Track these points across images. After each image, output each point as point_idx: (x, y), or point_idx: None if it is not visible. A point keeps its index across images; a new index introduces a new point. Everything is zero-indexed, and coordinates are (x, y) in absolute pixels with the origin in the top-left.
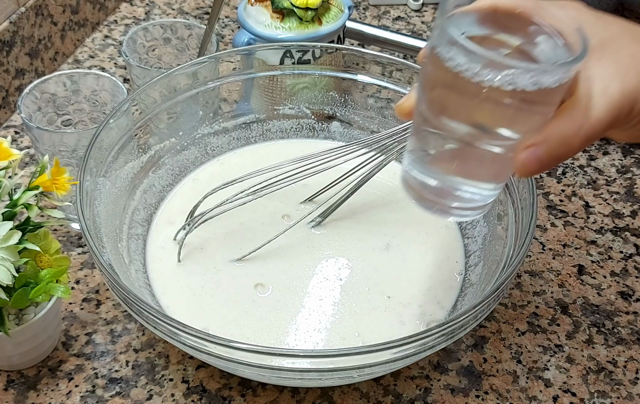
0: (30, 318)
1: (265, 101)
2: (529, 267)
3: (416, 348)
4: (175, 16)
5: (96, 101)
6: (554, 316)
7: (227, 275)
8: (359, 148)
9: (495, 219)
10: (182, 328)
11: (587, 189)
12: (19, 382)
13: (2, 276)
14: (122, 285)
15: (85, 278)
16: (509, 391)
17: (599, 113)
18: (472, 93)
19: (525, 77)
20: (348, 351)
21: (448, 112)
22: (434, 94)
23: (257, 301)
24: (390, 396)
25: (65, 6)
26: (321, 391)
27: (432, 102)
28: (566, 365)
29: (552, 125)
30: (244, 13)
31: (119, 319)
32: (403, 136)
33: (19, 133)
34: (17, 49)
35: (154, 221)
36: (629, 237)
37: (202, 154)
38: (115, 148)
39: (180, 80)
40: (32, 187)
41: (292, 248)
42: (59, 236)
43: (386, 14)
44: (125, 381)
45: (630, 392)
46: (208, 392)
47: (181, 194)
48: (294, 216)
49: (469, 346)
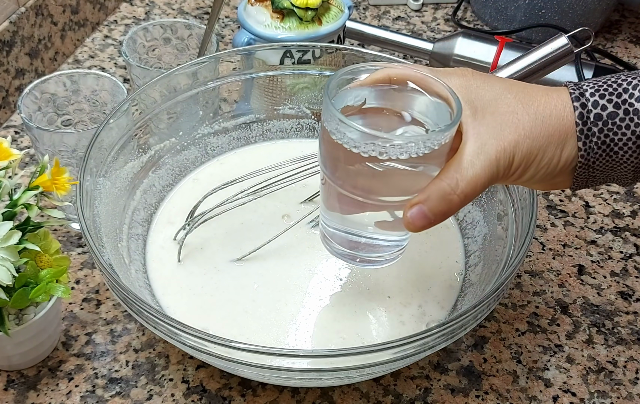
0: (30, 318)
1: (265, 101)
2: (529, 267)
3: (416, 348)
4: (175, 16)
5: (96, 101)
6: (554, 316)
7: (227, 275)
8: None
9: (495, 219)
10: (182, 328)
11: (587, 189)
12: (19, 382)
13: (2, 276)
14: (122, 285)
15: (85, 278)
16: (509, 391)
17: (475, 171)
18: (354, 161)
19: (395, 149)
20: (348, 351)
21: (338, 174)
22: (327, 158)
23: (257, 301)
24: (390, 396)
25: (65, 6)
26: (321, 391)
27: (326, 165)
28: (566, 365)
29: (432, 184)
30: (244, 13)
31: (119, 319)
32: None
33: (19, 133)
34: (17, 49)
35: (154, 221)
36: (629, 237)
37: (202, 154)
38: (115, 148)
39: (180, 80)
40: (32, 187)
41: (292, 248)
42: (59, 236)
43: (386, 14)
44: (125, 381)
45: (630, 392)
46: (208, 392)
47: (181, 194)
48: (294, 216)
49: (469, 346)
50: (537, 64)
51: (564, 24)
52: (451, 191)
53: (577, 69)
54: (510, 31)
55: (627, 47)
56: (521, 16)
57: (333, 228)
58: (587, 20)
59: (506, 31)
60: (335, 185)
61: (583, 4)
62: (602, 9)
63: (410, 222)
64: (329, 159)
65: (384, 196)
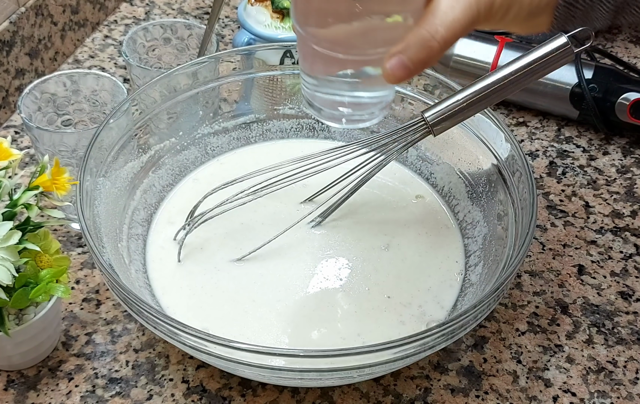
0: (30, 318)
1: (265, 101)
2: (529, 267)
3: (416, 348)
4: (175, 16)
5: (96, 101)
6: (554, 316)
7: (227, 275)
8: (359, 148)
9: (495, 219)
10: (182, 328)
11: (587, 189)
12: (19, 382)
13: (2, 276)
14: (122, 285)
15: (85, 278)
16: (509, 391)
17: (455, 15)
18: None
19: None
20: (348, 351)
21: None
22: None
23: (257, 301)
24: (390, 396)
25: (65, 6)
26: (321, 391)
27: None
28: (566, 365)
29: (412, 33)
30: (244, 13)
31: (119, 319)
32: (403, 136)
33: (19, 133)
34: (17, 49)
35: (154, 221)
36: (629, 237)
37: (202, 154)
38: (115, 148)
39: (180, 80)
40: (32, 187)
41: (292, 248)
42: (59, 236)
43: None
44: (125, 381)
45: (630, 392)
46: (208, 392)
47: (181, 194)
48: (294, 216)
49: (469, 346)
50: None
51: None
52: (430, 38)
53: (577, 69)
54: None
55: (627, 47)
56: None
57: (315, 91)
58: None
59: (506, 31)
60: (313, 44)
61: None
62: None
63: (390, 74)
64: (307, 12)
65: (363, 49)
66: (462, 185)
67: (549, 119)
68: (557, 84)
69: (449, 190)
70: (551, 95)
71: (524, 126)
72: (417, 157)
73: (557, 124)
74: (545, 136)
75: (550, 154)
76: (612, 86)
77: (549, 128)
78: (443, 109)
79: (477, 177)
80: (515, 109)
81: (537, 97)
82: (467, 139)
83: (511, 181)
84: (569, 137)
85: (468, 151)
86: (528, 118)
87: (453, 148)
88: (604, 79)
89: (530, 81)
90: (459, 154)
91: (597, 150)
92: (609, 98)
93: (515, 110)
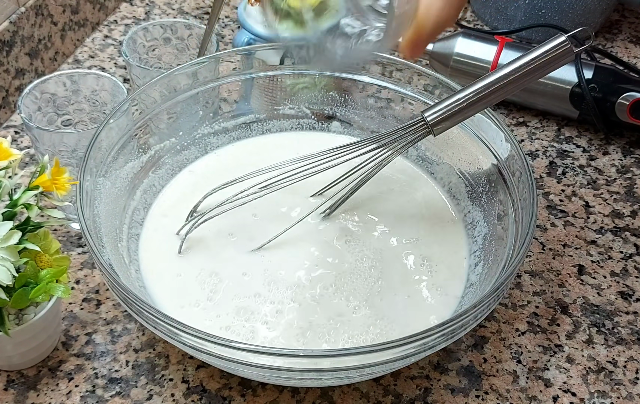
0: (30, 318)
1: (265, 101)
2: (529, 267)
3: (416, 348)
4: (175, 16)
5: (96, 101)
6: (554, 316)
7: (227, 274)
8: (359, 148)
9: (495, 219)
10: (182, 327)
11: (587, 189)
12: (19, 382)
13: (2, 276)
14: (122, 285)
15: (85, 278)
16: (509, 391)
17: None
18: None
19: None
20: (348, 351)
21: None
22: None
23: (257, 300)
24: (390, 396)
25: (65, 6)
26: (321, 391)
27: None
28: (566, 365)
29: None
30: (244, 13)
31: (119, 319)
32: (403, 136)
33: (19, 133)
34: (17, 49)
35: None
36: (629, 237)
37: (202, 154)
38: (115, 148)
39: (180, 80)
40: (32, 187)
41: (295, 245)
42: (59, 236)
43: None
44: (125, 381)
45: (630, 392)
46: (208, 392)
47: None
48: (298, 211)
49: (469, 346)
50: (537, 63)
51: (564, 24)
52: None
53: (577, 69)
54: (510, 31)
55: (627, 47)
56: (521, 16)
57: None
58: (587, 20)
59: (506, 31)
60: None
61: (583, 4)
62: (602, 8)
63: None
64: None
65: None
66: (462, 185)
67: (549, 119)
68: (557, 84)
69: (449, 190)
70: (551, 95)
71: (524, 126)
72: (417, 157)
73: (557, 124)
74: (545, 135)
75: (550, 154)
76: (612, 86)
77: (549, 128)
78: (443, 109)
79: (477, 177)
80: (515, 109)
81: (537, 97)
82: (467, 139)
83: (511, 181)
84: (569, 137)
85: (468, 150)
86: (528, 118)
87: (453, 148)
88: (604, 79)
89: (530, 81)
90: (459, 154)
91: (597, 150)
92: (609, 98)
93: (515, 110)
